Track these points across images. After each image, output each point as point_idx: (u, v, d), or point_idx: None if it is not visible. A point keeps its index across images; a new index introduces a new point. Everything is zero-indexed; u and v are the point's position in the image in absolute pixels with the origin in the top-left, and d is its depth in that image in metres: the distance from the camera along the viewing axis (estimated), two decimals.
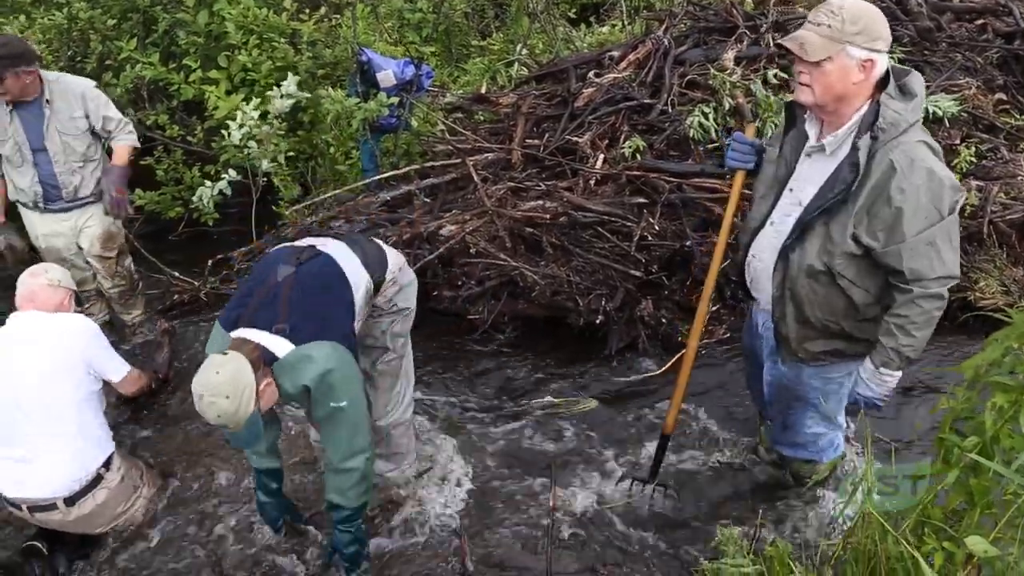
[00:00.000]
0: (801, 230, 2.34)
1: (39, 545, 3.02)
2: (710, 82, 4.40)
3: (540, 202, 4.06)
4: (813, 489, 3.00)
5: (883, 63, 2.18)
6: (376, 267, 2.71)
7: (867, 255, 2.27)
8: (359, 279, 2.60)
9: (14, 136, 3.68)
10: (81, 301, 3.26)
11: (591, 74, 4.73)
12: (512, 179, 4.19)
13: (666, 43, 4.71)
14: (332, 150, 4.70)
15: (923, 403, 3.55)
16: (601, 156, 4.27)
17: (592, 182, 4.18)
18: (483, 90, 4.93)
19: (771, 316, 2.55)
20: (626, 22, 5.54)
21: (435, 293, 4.00)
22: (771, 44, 4.59)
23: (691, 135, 4.24)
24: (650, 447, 3.38)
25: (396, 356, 2.95)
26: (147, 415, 3.74)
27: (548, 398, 3.75)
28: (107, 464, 2.96)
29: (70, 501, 2.85)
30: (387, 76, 4.26)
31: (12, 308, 3.07)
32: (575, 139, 4.32)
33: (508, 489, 3.22)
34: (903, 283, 2.23)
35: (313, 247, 2.62)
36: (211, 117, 4.85)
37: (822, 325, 2.44)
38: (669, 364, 3.85)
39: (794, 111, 2.40)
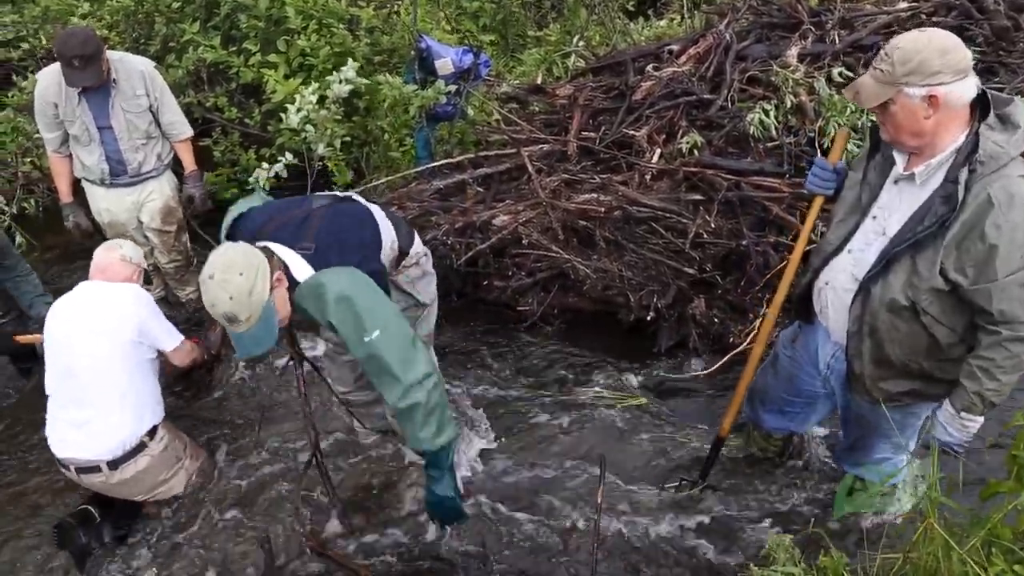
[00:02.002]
0: (886, 262, 2.23)
1: (92, 510, 3.11)
2: (772, 79, 4.30)
3: (594, 195, 4.02)
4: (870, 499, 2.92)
5: (958, 93, 2.05)
6: (404, 237, 2.67)
7: (954, 291, 2.14)
8: (388, 235, 2.56)
9: (81, 116, 3.77)
10: (150, 279, 3.34)
11: (649, 67, 4.66)
12: (567, 171, 4.16)
13: (728, 38, 4.61)
14: (386, 136, 4.71)
15: (992, 414, 3.43)
16: (658, 151, 4.21)
17: (648, 177, 4.12)
18: (539, 81, 4.89)
19: (844, 351, 2.45)
20: (686, 16, 5.44)
21: (485, 283, 3.99)
22: (837, 41, 4.47)
23: (751, 132, 4.15)
24: (695, 447, 3.34)
25: None
26: (196, 390, 3.81)
27: (596, 390, 3.73)
28: (152, 433, 3.02)
29: (113, 465, 2.92)
30: (445, 64, 4.25)
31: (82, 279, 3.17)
32: (632, 133, 4.26)
33: (552, 481, 3.20)
34: (991, 324, 2.10)
35: (351, 196, 2.59)
36: (268, 100, 4.89)
37: (901, 364, 2.32)
38: (719, 365, 3.78)
39: (878, 136, 2.31)
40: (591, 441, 3.40)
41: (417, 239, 2.79)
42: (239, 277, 2.08)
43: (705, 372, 3.79)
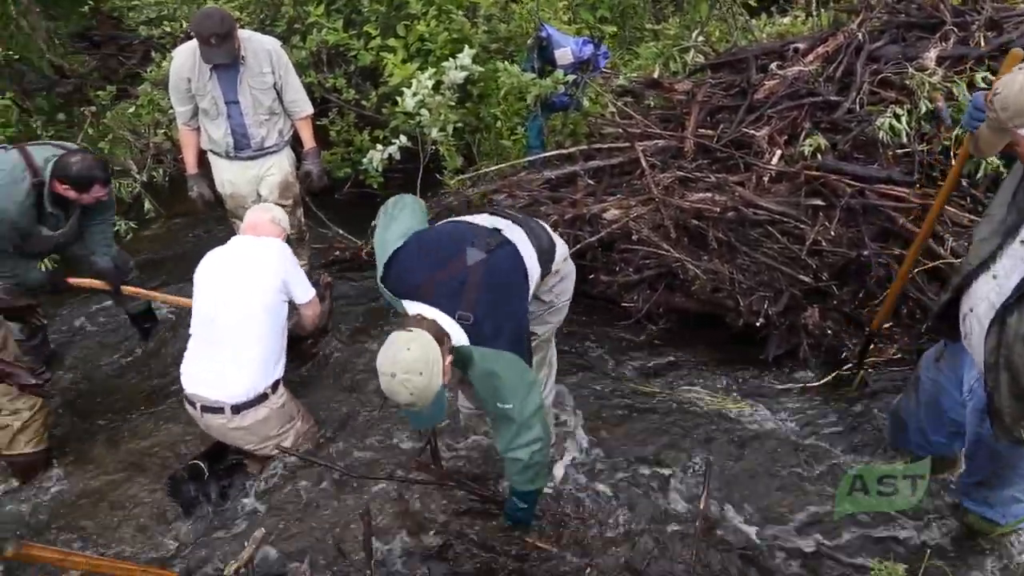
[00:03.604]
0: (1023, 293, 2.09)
1: (202, 466, 3.27)
2: (907, 82, 4.07)
3: (709, 194, 3.91)
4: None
5: None
6: (547, 258, 2.70)
7: None
8: (533, 272, 2.61)
9: (212, 91, 3.95)
10: (291, 244, 3.54)
11: (773, 66, 4.49)
12: (681, 168, 4.06)
13: (860, 37, 4.39)
14: (498, 124, 4.72)
15: None
16: (778, 152, 4.05)
17: (766, 179, 3.98)
18: (655, 75, 4.79)
19: (983, 384, 2.30)
20: (813, 13, 5.22)
21: (591, 276, 3.94)
22: (982, 43, 4.19)
23: (880, 138, 3.93)
24: (802, 457, 3.21)
25: (543, 340, 2.93)
26: (301, 360, 3.93)
27: (696, 391, 3.63)
28: (275, 386, 3.16)
29: (236, 409, 3.06)
30: (565, 54, 4.22)
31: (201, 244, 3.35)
32: (752, 132, 4.12)
33: (650, 482, 3.14)
34: None
35: (499, 232, 2.60)
36: (385, 84, 4.99)
37: None
38: (829, 378, 3.63)
39: None
40: (691, 445, 3.32)
41: (559, 244, 2.80)
42: (419, 377, 2.21)
43: (815, 385, 3.64)
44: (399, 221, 2.66)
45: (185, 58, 3.92)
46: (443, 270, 2.44)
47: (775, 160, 4.02)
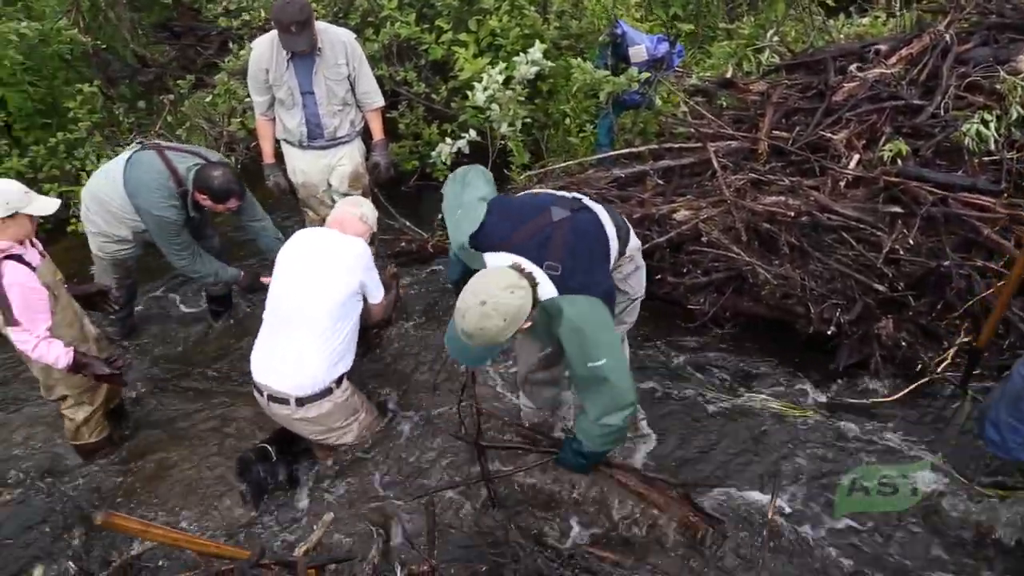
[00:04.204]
0: None
1: (270, 449, 3.35)
2: (997, 86, 3.92)
3: (782, 198, 3.83)
4: None
5: None
6: (623, 236, 2.69)
7: None
8: (613, 243, 2.59)
9: (288, 81, 4.04)
10: (374, 242, 3.63)
11: (852, 67, 4.37)
12: (754, 170, 3.98)
13: (947, 39, 4.24)
14: (567, 121, 4.71)
15: None
16: (856, 157, 3.95)
17: (842, 184, 3.88)
18: (728, 75, 4.71)
19: None
20: (896, 14, 5.05)
21: (658, 277, 3.90)
22: None
23: (965, 144, 3.80)
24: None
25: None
26: (365, 350, 3.98)
27: (764, 398, 3.57)
28: (339, 380, 3.21)
29: (300, 402, 3.12)
30: (639, 51, 4.18)
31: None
32: (829, 135, 4.02)
33: (714, 489, 3.09)
34: None
35: (580, 199, 2.62)
36: (455, 78, 5.02)
37: None
38: (903, 393, 3.51)
39: None
40: (756, 450, 3.27)
41: (632, 235, 2.79)
42: (500, 322, 2.22)
43: (887, 399, 3.53)
44: (474, 186, 2.67)
45: (264, 49, 4.01)
46: (528, 225, 2.44)
47: (852, 164, 3.91)
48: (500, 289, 2.23)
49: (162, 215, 3.70)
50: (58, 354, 3.09)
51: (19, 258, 3.00)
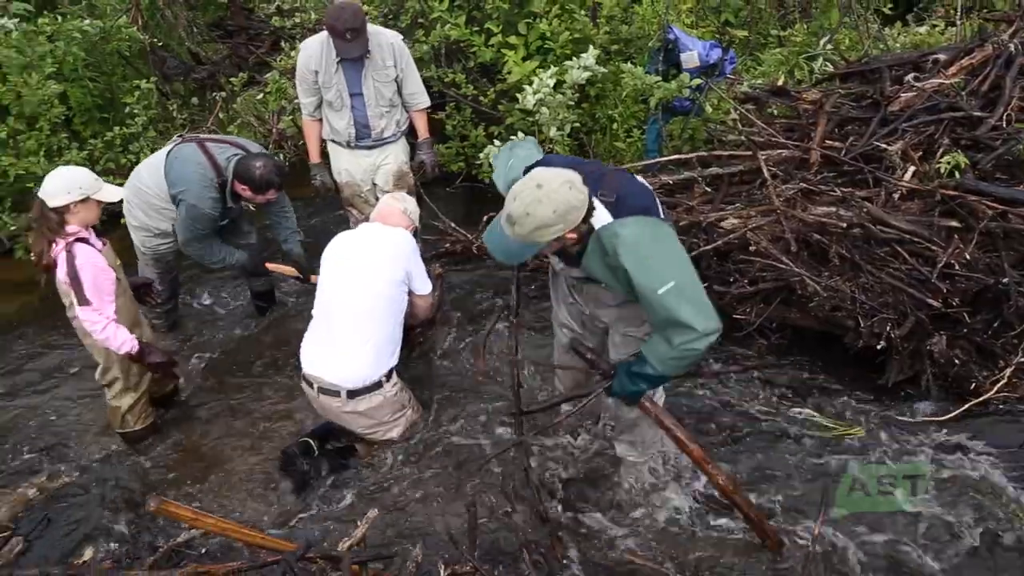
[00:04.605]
0: None
1: (312, 444, 3.39)
2: None
3: (833, 209, 3.76)
4: None
5: None
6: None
7: None
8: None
9: (337, 83, 4.09)
10: (418, 240, 3.67)
11: (909, 77, 4.27)
12: (805, 180, 3.92)
13: (1011, 49, 4.13)
14: (615, 126, 4.69)
15: None
16: (911, 168, 3.86)
17: (896, 196, 3.80)
18: (780, 82, 4.65)
19: None
20: (957, 22, 4.94)
21: (704, 285, 3.85)
22: None
23: None
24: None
25: None
26: (409, 350, 4.01)
27: (808, 411, 3.51)
28: (389, 374, 3.25)
29: (351, 394, 3.16)
30: (691, 57, 4.15)
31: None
32: (883, 146, 3.93)
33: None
34: None
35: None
36: (503, 81, 5.04)
37: None
38: (956, 413, 3.42)
39: None
40: (801, 465, 3.21)
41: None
42: (549, 214, 2.12)
43: (938, 418, 3.44)
44: (523, 148, 2.71)
45: (312, 51, 4.06)
46: (582, 166, 2.36)
47: (908, 176, 3.83)
48: (559, 183, 2.15)
49: (198, 205, 3.71)
50: (124, 339, 3.21)
51: (86, 241, 3.15)
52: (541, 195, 2.13)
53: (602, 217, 2.28)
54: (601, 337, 2.96)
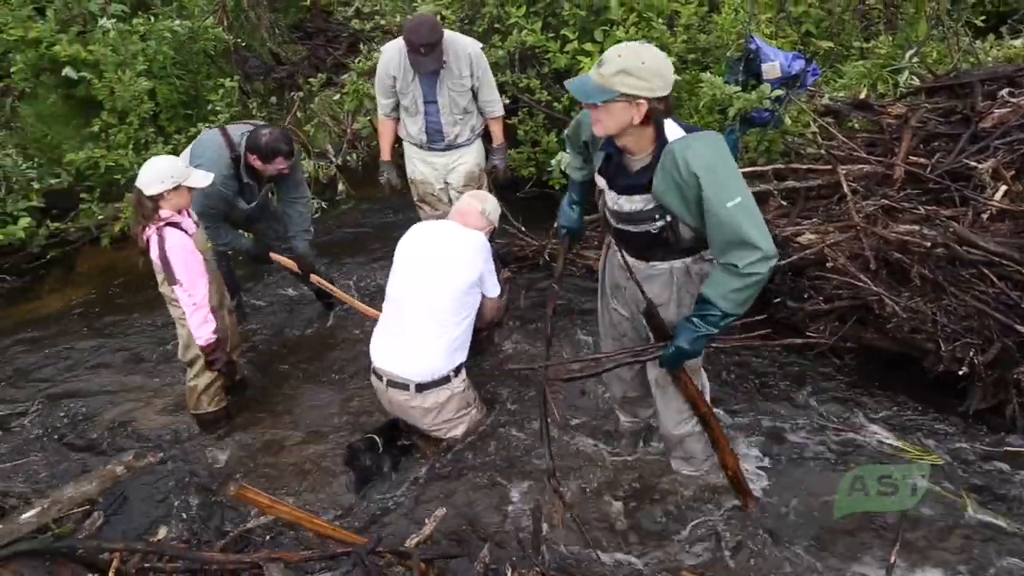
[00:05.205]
0: None
1: (377, 440, 3.45)
2: None
3: (917, 227, 3.65)
4: None
5: None
6: None
7: None
8: None
9: (413, 91, 4.16)
10: (494, 238, 3.71)
11: (1003, 92, 4.11)
12: (887, 197, 3.81)
13: None
14: None
15: None
16: (1003, 188, 3.71)
17: (985, 216, 3.65)
18: (862, 96, 4.53)
19: None
20: None
21: (776, 301, 3.79)
22: None
23: None
24: (985, 533, 2.90)
25: (694, 363, 2.81)
26: (474, 351, 4.04)
27: (881, 435, 3.40)
28: (457, 371, 3.28)
29: (420, 388, 3.21)
30: (773, 67, 4.07)
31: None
32: (973, 164, 3.79)
33: (827, 524, 2.96)
34: None
35: None
36: None
37: None
38: None
39: None
40: None
41: None
42: (640, 63, 2.20)
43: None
44: None
45: (392, 56, 4.14)
46: None
47: (999, 196, 3.68)
48: (662, 53, 2.26)
49: (213, 183, 3.66)
50: (207, 330, 3.41)
51: (178, 226, 3.36)
52: (639, 48, 2.24)
53: (675, 130, 2.37)
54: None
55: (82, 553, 2.53)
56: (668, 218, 2.45)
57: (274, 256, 4.28)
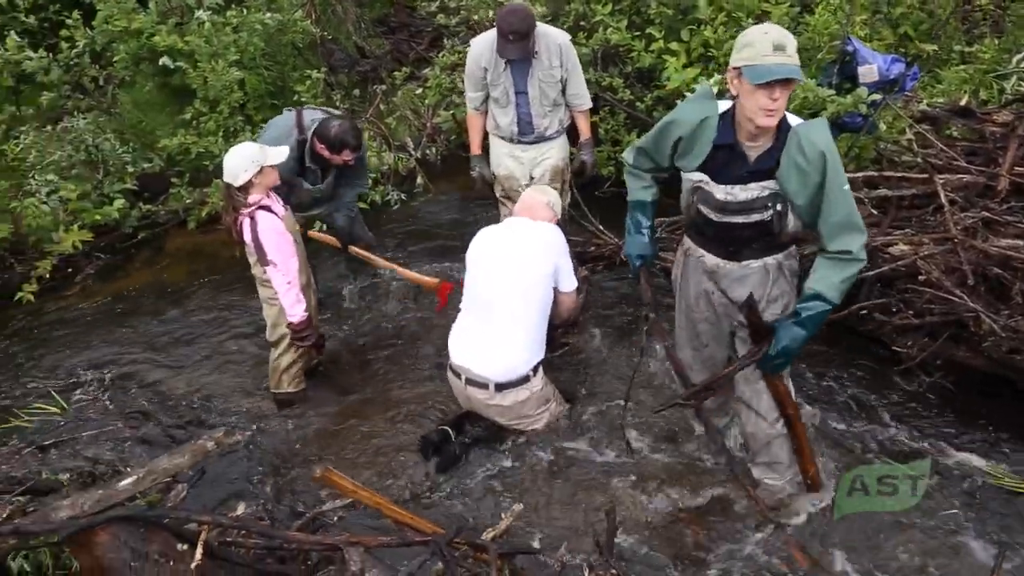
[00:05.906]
0: None
1: (451, 432, 3.49)
2: None
3: (1020, 242, 3.47)
4: None
5: None
6: None
7: None
8: None
9: (504, 82, 4.18)
10: (569, 235, 3.75)
11: None
12: (988, 209, 3.63)
13: None
14: None
15: None
16: None
17: None
18: (964, 102, 4.32)
19: None
20: None
21: (862, 312, 3.67)
22: None
23: None
24: None
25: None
26: (551, 348, 4.05)
27: (973, 459, 3.26)
28: (535, 369, 3.29)
29: (499, 387, 3.24)
30: (870, 71, 3.92)
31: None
32: None
33: (912, 549, 2.86)
34: None
35: None
36: (662, 87, 4.97)
37: None
38: None
39: None
40: (966, 520, 2.98)
41: None
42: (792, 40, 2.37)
43: None
44: None
45: (483, 48, 4.16)
46: None
47: None
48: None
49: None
50: (300, 308, 3.55)
51: (268, 209, 3.49)
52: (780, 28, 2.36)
53: (793, 118, 2.49)
54: (726, 352, 3.00)
55: (169, 522, 2.63)
56: (779, 206, 2.52)
57: (313, 234, 4.42)
